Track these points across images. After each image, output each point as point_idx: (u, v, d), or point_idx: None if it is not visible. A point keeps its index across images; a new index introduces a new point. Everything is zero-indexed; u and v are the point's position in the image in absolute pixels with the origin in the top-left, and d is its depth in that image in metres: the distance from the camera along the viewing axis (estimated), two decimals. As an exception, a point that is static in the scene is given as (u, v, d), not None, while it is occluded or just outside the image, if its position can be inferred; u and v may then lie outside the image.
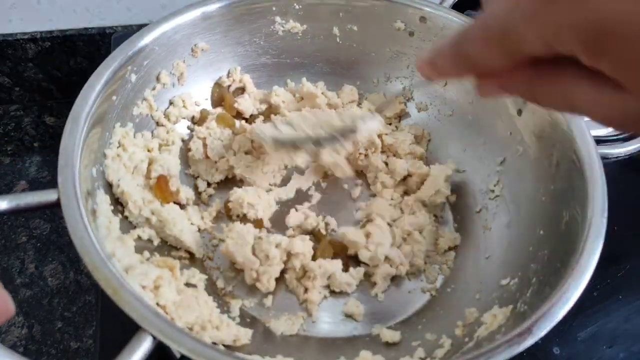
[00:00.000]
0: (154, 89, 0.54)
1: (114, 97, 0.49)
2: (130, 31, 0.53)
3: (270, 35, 0.61)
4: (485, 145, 0.58)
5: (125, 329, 0.34)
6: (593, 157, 0.46)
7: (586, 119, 0.68)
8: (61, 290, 0.57)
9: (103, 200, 0.45)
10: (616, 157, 0.67)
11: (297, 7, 0.60)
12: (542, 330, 0.37)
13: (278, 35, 0.61)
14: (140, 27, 0.53)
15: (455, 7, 0.68)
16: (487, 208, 0.55)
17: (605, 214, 0.43)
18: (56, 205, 0.39)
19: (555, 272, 0.41)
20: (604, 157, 0.66)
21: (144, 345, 0.34)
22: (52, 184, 0.41)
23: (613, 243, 0.57)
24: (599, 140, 0.68)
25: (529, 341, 0.36)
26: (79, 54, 0.73)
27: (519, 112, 0.55)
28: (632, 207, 0.62)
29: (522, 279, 0.46)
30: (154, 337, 0.34)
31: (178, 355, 0.35)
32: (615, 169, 0.66)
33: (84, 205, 0.40)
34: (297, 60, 0.63)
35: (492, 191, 0.56)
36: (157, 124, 0.56)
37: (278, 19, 0.60)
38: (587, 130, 0.48)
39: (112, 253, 0.40)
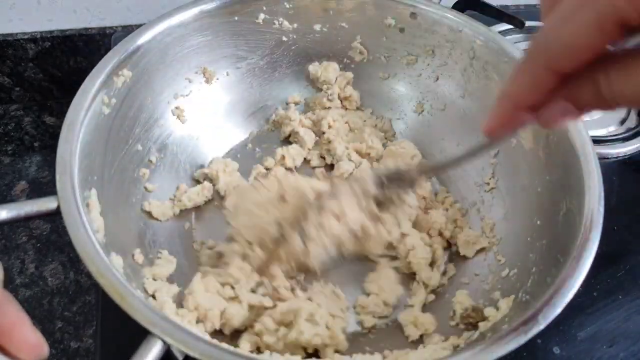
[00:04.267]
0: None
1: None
2: (130, 31, 0.53)
3: (261, 34, 0.61)
4: (479, 138, 0.58)
5: (125, 328, 0.34)
6: (587, 147, 0.47)
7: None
8: (61, 290, 0.57)
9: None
10: (616, 157, 0.67)
11: (287, 6, 0.60)
12: (548, 319, 0.37)
13: (269, 35, 0.61)
14: (140, 27, 0.53)
15: (455, 6, 0.68)
16: (483, 201, 0.56)
17: (602, 203, 0.43)
18: (56, 214, 0.39)
19: (556, 262, 0.42)
20: (604, 157, 0.67)
21: (154, 350, 0.34)
22: (53, 184, 0.41)
23: (613, 243, 0.58)
24: (599, 140, 0.68)
25: (535, 330, 0.36)
26: (79, 54, 0.73)
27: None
28: (632, 207, 0.62)
29: (521, 269, 0.46)
30: (164, 341, 0.34)
31: (180, 358, 0.35)
32: (615, 169, 0.66)
33: (84, 212, 0.40)
34: (289, 58, 0.64)
35: (487, 184, 0.56)
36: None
37: (268, 18, 0.60)
38: (580, 121, 0.49)
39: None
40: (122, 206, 0.49)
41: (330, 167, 0.61)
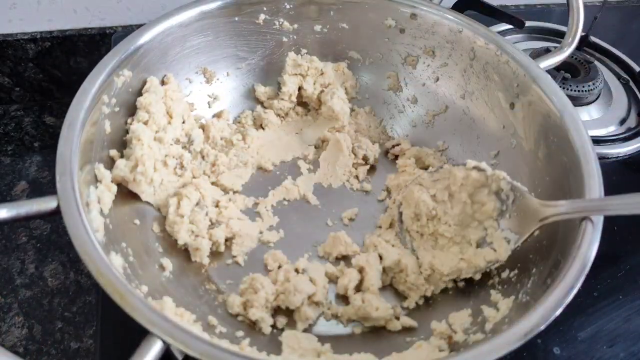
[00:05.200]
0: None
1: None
2: (130, 31, 0.53)
3: (262, 35, 0.61)
4: (479, 139, 0.59)
5: (125, 329, 0.34)
6: (587, 147, 0.47)
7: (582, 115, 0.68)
8: (61, 290, 0.56)
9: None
10: (616, 157, 0.67)
11: (287, 6, 0.60)
12: (548, 319, 0.37)
13: (270, 36, 0.61)
14: (140, 27, 0.53)
15: (455, 7, 0.68)
16: None
17: None
18: (56, 213, 0.39)
19: (556, 263, 0.42)
20: (604, 157, 0.67)
21: (153, 350, 0.34)
22: (53, 184, 0.41)
23: (613, 243, 0.58)
24: (599, 140, 0.68)
25: (535, 330, 0.36)
26: (79, 54, 0.73)
27: (512, 105, 0.55)
28: (632, 207, 0.62)
29: (521, 270, 0.46)
30: (164, 341, 0.34)
31: (180, 358, 0.35)
32: (615, 169, 0.66)
33: (84, 212, 0.40)
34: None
35: None
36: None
37: (269, 18, 0.60)
38: (579, 121, 0.49)
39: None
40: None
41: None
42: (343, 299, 0.50)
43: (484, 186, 0.49)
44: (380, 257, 0.51)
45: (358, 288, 0.49)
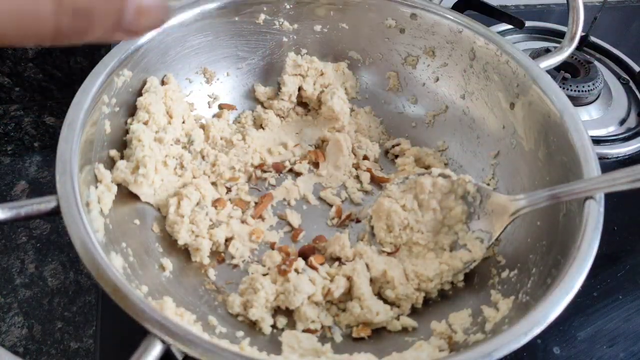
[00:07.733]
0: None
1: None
2: (130, 31, 0.53)
3: (262, 35, 0.61)
4: (479, 139, 0.59)
5: (125, 329, 0.34)
6: (587, 147, 0.47)
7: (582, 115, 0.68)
8: (61, 290, 0.57)
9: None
10: (616, 157, 0.67)
11: (287, 6, 0.60)
12: (548, 319, 0.37)
13: (270, 36, 0.61)
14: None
15: (455, 7, 0.68)
16: None
17: (602, 203, 0.43)
18: (56, 213, 0.39)
19: (556, 263, 0.42)
20: (603, 157, 0.67)
21: (154, 350, 0.34)
22: (53, 184, 0.41)
23: (613, 243, 0.58)
24: (599, 140, 0.68)
25: (535, 330, 0.36)
26: (78, 53, 0.73)
27: (512, 105, 0.55)
28: (632, 207, 0.62)
29: (521, 270, 0.46)
30: (164, 341, 0.34)
31: (180, 358, 0.35)
32: (615, 169, 0.66)
33: (84, 211, 0.40)
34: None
35: (488, 184, 0.56)
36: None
37: (269, 19, 0.60)
38: (579, 121, 0.49)
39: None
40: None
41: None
42: (331, 303, 0.49)
43: (451, 192, 0.50)
44: (368, 267, 0.50)
45: (349, 296, 0.49)
